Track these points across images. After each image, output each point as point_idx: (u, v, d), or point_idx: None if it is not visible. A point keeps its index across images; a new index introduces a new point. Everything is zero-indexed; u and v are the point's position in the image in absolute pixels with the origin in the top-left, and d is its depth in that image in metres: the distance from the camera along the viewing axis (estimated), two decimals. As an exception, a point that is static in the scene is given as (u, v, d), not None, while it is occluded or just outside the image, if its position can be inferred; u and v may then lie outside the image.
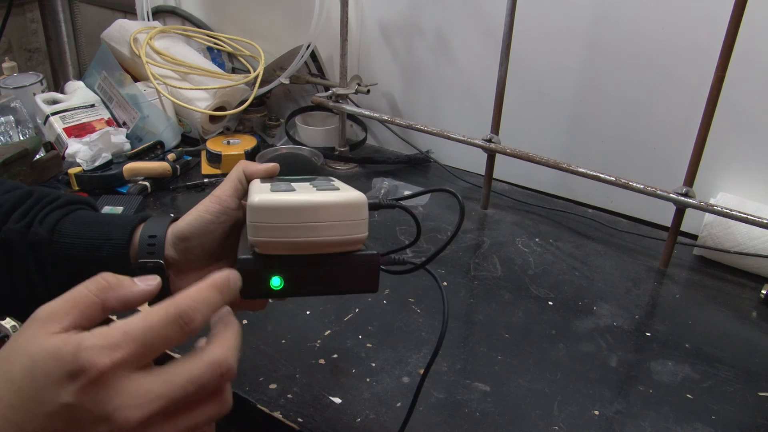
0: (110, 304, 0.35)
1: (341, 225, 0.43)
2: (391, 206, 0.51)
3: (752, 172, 0.97)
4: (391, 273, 0.52)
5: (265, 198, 0.42)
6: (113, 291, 0.35)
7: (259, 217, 0.42)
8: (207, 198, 0.52)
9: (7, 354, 0.32)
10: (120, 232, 0.51)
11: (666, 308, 0.86)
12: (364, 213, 0.44)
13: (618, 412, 0.68)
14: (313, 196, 0.43)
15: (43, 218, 0.51)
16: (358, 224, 0.44)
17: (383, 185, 1.12)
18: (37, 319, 0.33)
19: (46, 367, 0.31)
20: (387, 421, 0.65)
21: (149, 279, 0.37)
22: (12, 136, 1.17)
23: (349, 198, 0.44)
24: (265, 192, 0.44)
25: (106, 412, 0.31)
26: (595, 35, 1.02)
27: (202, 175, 1.16)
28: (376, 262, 0.46)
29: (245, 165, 0.54)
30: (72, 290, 0.34)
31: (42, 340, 0.32)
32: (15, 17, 1.64)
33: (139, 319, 0.33)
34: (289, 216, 0.42)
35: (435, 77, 1.21)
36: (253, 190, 0.46)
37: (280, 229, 0.42)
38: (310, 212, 0.42)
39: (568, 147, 1.11)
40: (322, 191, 0.44)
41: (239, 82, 1.23)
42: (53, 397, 0.31)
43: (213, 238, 0.51)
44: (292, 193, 0.43)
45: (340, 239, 0.44)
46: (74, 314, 0.33)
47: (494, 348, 0.76)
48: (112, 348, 0.31)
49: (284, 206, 0.42)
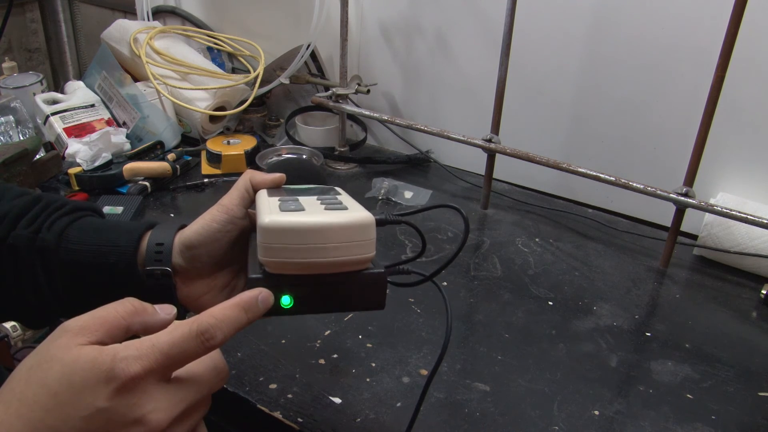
0: (134, 328, 0.37)
1: (350, 246, 0.44)
2: (397, 222, 0.51)
3: (752, 172, 0.97)
4: (397, 285, 0.53)
5: (276, 219, 0.43)
6: (138, 317, 0.38)
7: (270, 238, 0.43)
8: (214, 207, 0.53)
9: (39, 361, 0.34)
10: (127, 239, 0.52)
11: (666, 308, 0.86)
12: (372, 233, 0.45)
13: (618, 412, 0.68)
14: (323, 217, 0.44)
15: (51, 224, 0.52)
16: (367, 244, 0.45)
17: (383, 185, 1.12)
18: (68, 330, 0.35)
19: (83, 373, 0.33)
20: (387, 421, 0.65)
21: (168, 309, 0.40)
22: (12, 136, 1.17)
23: (358, 219, 0.45)
24: (275, 212, 0.44)
25: (139, 415, 0.34)
26: (595, 35, 1.02)
27: (202, 175, 1.16)
28: (384, 280, 0.47)
29: (252, 175, 0.54)
30: (102, 309, 0.37)
31: (76, 349, 0.34)
32: (15, 17, 1.64)
33: (165, 334, 0.36)
34: (299, 237, 0.43)
35: (435, 77, 1.21)
36: (262, 206, 0.47)
37: (290, 250, 0.43)
38: (320, 234, 0.43)
39: (568, 147, 1.11)
40: (331, 211, 0.45)
41: (239, 82, 1.23)
42: (90, 401, 0.33)
43: (220, 246, 0.52)
44: (302, 214, 0.44)
45: (349, 259, 0.45)
46: (102, 331, 0.36)
47: (494, 348, 0.76)
48: (143, 358, 0.34)
49: (295, 228, 0.43)
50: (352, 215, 0.45)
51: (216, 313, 0.37)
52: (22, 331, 1.02)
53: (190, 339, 0.36)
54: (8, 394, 0.34)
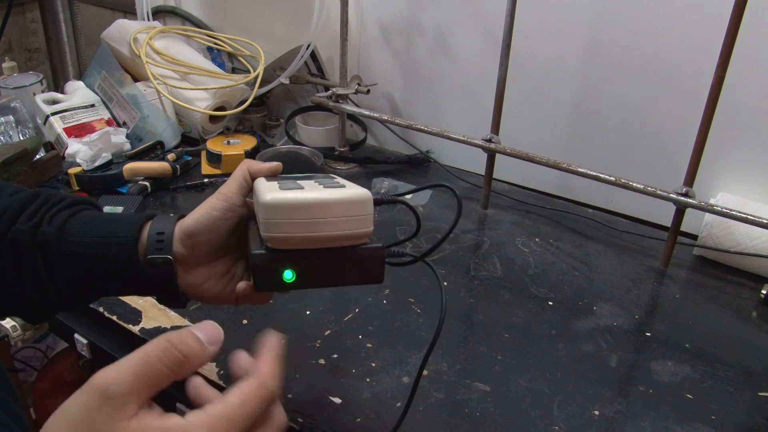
0: (183, 377, 0.34)
1: (349, 220, 0.46)
2: (393, 201, 0.54)
3: (752, 172, 0.97)
4: (392, 265, 0.54)
5: (277, 196, 0.45)
6: (189, 365, 0.34)
7: (272, 214, 0.45)
8: (213, 195, 0.54)
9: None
10: (128, 230, 0.52)
11: (666, 308, 0.86)
12: (369, 209, 0.47)
13: (618, 412, 0.68)
14: (322, 193, 0.45)
15: (51, 218, 0.52)
16: (365, 219, 0.47)
17: (383, 185, 1.12)
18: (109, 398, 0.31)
19: None
20: (387, 421, 0.65)
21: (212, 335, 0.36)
22: (12, 136, 1.17)
23: (356, 195, 0.46)
24: (275, 190, 0.46)
25: None
26: (595, 35, 1.02)
27: (202, 175, 1.16)
28: (382, 254, 0.49)
29: (249, 164, 0.55)
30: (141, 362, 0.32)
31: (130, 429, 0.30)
32: (15, 17, 1.64)
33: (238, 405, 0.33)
34: (300, 213, 0.45)
35: (435, 77, 1.21)
36: (262, 188, 0.48)
37: (291, 225, 0.45)
38: (319, 209, 0.45)
39: (568, 147, 1.11)
40: (329, 188, 0.47)
41: (239, 82, 1.23)
42: None
43: (219, 234, 0.53)
44: (302, 191, 0.46)
45: (348, 233, 0.46)
46: (147, 392, 0.32)
47: (494, 348, 0.76)
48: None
49: (296, 204, 0.45)
50: (349, 191, 0.47)
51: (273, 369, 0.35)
52: (22, 331, 1.02)
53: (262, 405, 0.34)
54: None
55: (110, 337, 0.81)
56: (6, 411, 0.42)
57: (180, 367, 0.33)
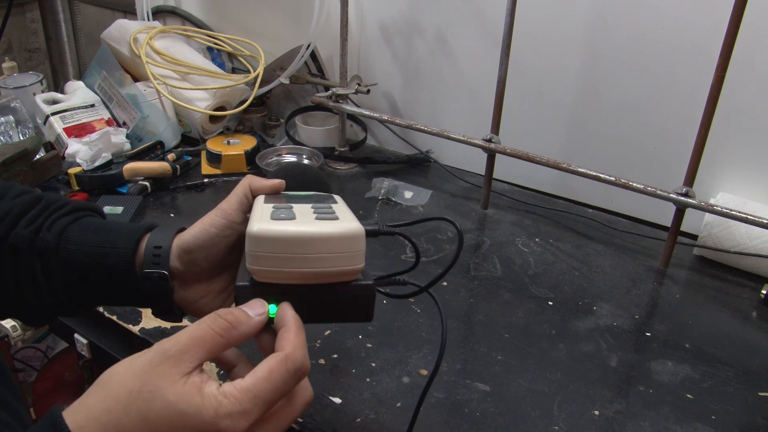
0: (233, 343, 0.39)
1: (338, 257, 0.43)
2: (390, 233, 0.51)
3: (752, 172, 0.97)
4: (393, 297, 0.54)
5: (263, 228, 0.42)
6: (236, 330, 0.39)
7: (258, 246, 0.42)
8: (212, 211, 0.52)
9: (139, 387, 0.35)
10: (126, 241, 0.52)
11: (666, 308, 0.86)
12: (361, 245, 0.44)
13: (618, 412, 0.68)
14: (311, 227, 0.43)
15: (51, 224, 0.52)
16: (355, 256, 0.44)
17: (383, 185, 1.12)
18: (169, 355, 0.36)
19: (186, 419, 0.35)
20: (387, 421, 0.65)
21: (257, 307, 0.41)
22: (12, 136, 1.17)
23: (347, 230, 0.44)
24: (265, 219, 0.44)
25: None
26: (595, 35, 1.02)
27: (202, 175, 1.16)
28: (372, 292, 0.46)
29: (251, 180, 0.53)
30: (198, 328, 0.38)
31: (179, 385, 0.36)
32: (15, 17, 1.64)
33: (264, 380, 0.37)
34: (286, 247, 0.42)
35: (435, 77, 1.21)
36: (255, 213, 0.46)
37: (277, 259, 0.42)
38: (307, 244, 0.42)
39: (568, 147, 1.11)
40: (321, 221, 0.44)
41: (239, 82, 1.23)
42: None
43: (218, 251, 0.52)
44: (291, 223, 0.43)
45: (337, 270, 0.44)
46: (202, 353, 0.37)
47: (494, 348, 0.76)
48: (247, 414, 0.35)
49: (282, 237, 0.42)
50: (341, 226, 0.44)
51: (300, 342, 0.39)
52: (22, 331, 1.02)
53: (289, 380, 0.37)
54: (105, 416, 0.35)
55: (110, 337, 0.81)
56: (7, 410, 0.42)
57: (227, 331, 0.38)
